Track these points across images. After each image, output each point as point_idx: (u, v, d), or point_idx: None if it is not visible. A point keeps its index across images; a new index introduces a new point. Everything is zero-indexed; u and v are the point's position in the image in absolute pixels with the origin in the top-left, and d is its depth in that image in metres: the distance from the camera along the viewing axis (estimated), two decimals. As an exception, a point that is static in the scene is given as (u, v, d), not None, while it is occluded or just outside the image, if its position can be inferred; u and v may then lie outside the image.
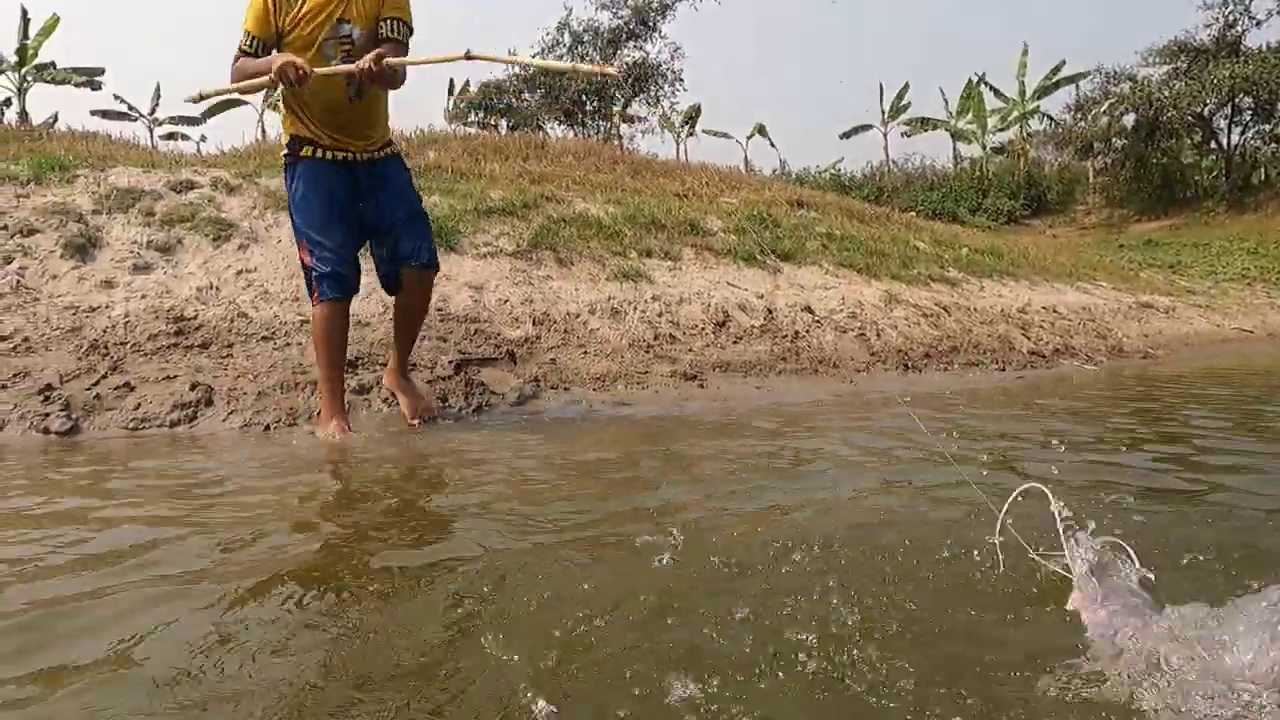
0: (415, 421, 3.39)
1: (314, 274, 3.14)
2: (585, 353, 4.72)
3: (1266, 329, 10.30)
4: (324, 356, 3.21)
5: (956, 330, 6.58)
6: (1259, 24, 24.45)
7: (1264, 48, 23.70)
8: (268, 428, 3.43)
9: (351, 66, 2.93)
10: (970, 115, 32.15)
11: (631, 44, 20.83)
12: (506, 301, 5.23)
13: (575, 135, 19.24)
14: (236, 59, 3.05)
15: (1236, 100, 24.41)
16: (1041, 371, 5.96)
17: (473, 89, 24.33)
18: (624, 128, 22.09)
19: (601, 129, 20.73)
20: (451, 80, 29.64)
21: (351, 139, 3.20)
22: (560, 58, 20.91)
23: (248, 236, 5.53)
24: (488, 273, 5.65)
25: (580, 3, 44.50)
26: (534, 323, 4.99)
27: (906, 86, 32.95)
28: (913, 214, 16.34)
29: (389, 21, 3.10)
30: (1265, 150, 26.23)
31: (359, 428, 3.36)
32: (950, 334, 6.42)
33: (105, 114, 27.13)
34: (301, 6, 3.00)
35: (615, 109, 21.04)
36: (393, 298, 3.50)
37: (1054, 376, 5.77)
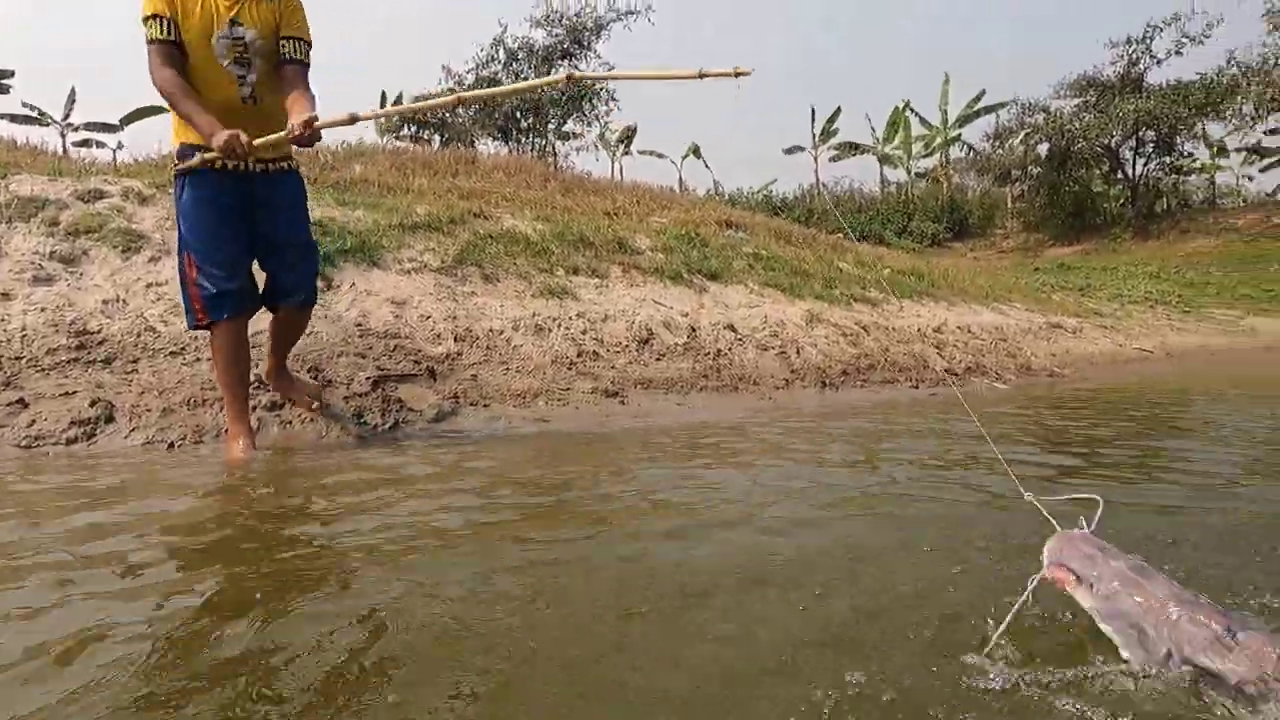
0: (316, 406, 3.42)
1: (204, 293, 2.95)
2: (507, 369, 4.72)
3: (1164, 350, 10.89)
4: (225, 378, 3.10)
5: (875, 349, 6.79)
6: (1159, 63, 26.02)
7: (1163, 85, 25.20)
8: (172, 445, 3.33)
9: (282, 135, 2.80)
10: (896, 141, 33.29)
11: (566, 62, 20.91)
12: (429, 318, 5.19)
13: (509, 152, 19.21)
14: (158, 52, 2.76)
15: (1140, 133, 25.89)
16: (953, 389, 6.19)
17: (405, 102, 24.07)
18: (559, 145, 22.15)
19: (536, 146, 20.73)
20: (383, 92, 29.31)
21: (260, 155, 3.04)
22: (495, 74, 20.89)
23: (160, 249, 5.36)
24: (411, 288, 5.60)
25: (515, 20, 44.62)
26: (456, 339, 4.96)
27: (838, 111, 33.95)
28: (839, 235, 16.78)
29: (291, 42, 2.96)
30: (1166, 181, 27.87)
31: (269, 444, 3.29)
32: (868, 353, 6.62)
33: (13, 118, 25.94)
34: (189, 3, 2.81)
35: (550, 126, 21.06)
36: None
37: (966, 394, 6.00)
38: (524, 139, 20.77)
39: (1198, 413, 4.77)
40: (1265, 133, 26.84)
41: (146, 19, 2.76)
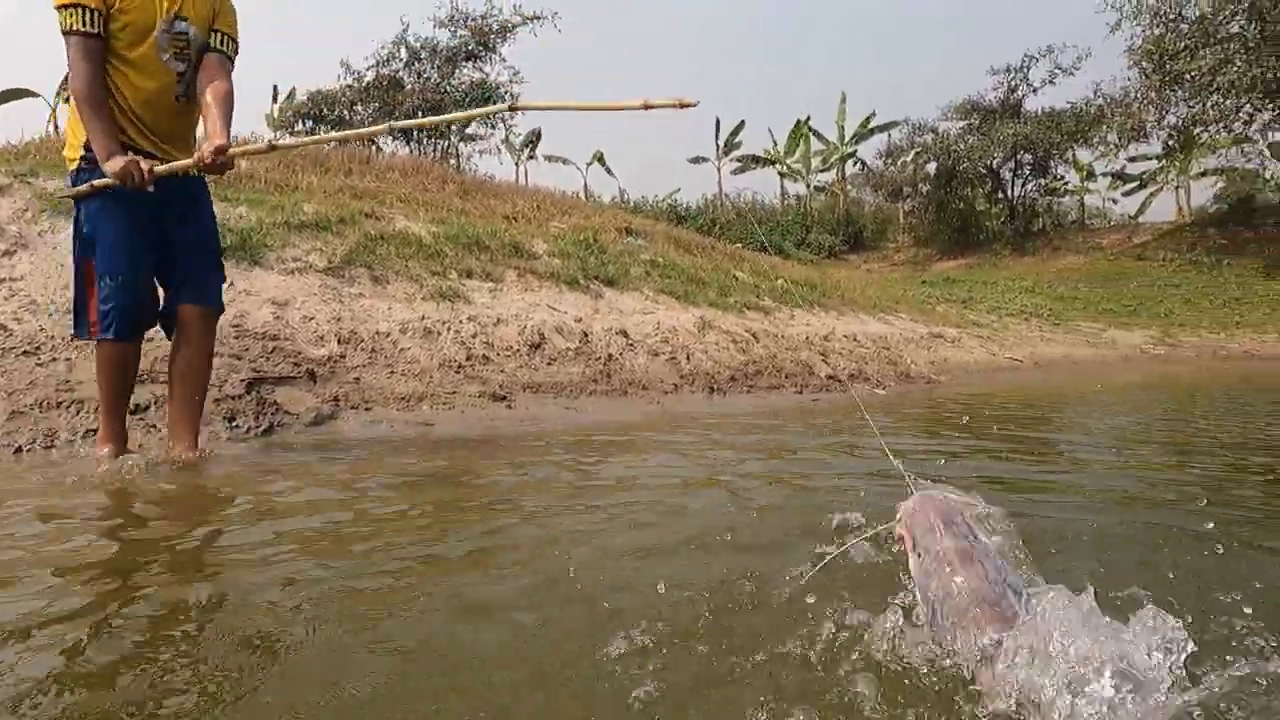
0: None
1: (104, 306, 2.72)
2: (393, 373, 4.64)
3: (1034, 359, 11.62)
4: (109, 391, 2.85)
5: (763, 356, 6.99)
6: (1035, 91, 27.79)
7: (1039, 112, 26.93)
8: (19, 450, 3.14)
9: (188, 163, 2.69)
10: (797, 155, 34.34)
11: (470, 64, 20.70)
12: (312, 319, 5.05)
13: (411, 153, 18.83)
14: (79, 46, 2.53)
15: (1018, 156, 27.55)
16: (836, 394, 6.44)
17: (300, 96, 23.28)
18: (462, 148, 21.85)
19: (439, 148, 20.40)
20: (275, 87, 28.24)
21: (173, 150, 2.82)
22: (395, 73, 20.46)
23: (15, 242, 5.03)
24: (294, 289, 5.43)
25: (418, 19, 43.74)
26: (340, 341, 4.85)
27: (741, 124, 34.76)
28: (739, 245, 17.17)
29: (219, 35, 2.85)
30: (1041, 201, 29.75)
31: (133, 449, 3.15)
32: (756, 359, 6.81)
33: None
34: None
35: (453, 128, 20.76)
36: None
37: (847, 399, 6.26)
38: (426, 140, 20.40)
39: (1050, 413, 5.15)
40: (1127, 159, 29.08)
41: (64, 6, 2.53)
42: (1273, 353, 15.14)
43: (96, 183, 2.67)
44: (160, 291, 2.99)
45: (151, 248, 2.84)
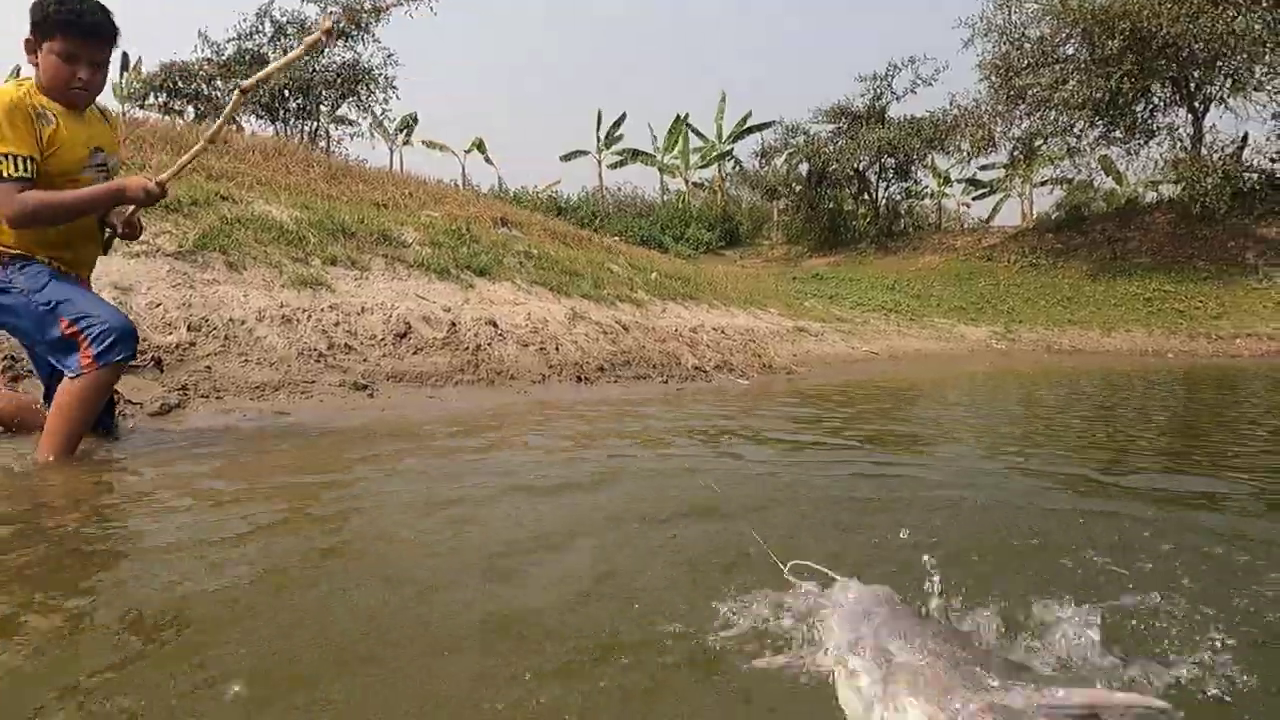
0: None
1: (101, 329, 2.68)
2: (247, 361, 4.51)
3: (889, 352, 12.38)
4: (87, 422, 2.75)
5: (633, 346, 7.17)
6: (899, 99, 29.41)
7: (902, 118, 28.52)
8: None
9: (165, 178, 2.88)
10: (676, 151, 34.93)
11: (342, 43, 19.91)
12: (159, 305, 4.82)
13: (275, 133, 17.98)
14: (14, 190, 2.56)
15: (883, 160, 29.09)
16: (701, 384, 6.70)
17: (151, 67, 21.74)
18: (332, 130, 21.02)
19: (306, 130, 19.55)
20: (125, 54, 26.26)
21: (86, 266, 3.01)
22: (260, 46, 19.46)
23: None
24: (140, 273, 5.15)
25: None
26: (190, 329, 4.66)
27: (623, 117, 34.97)
28: (616, 238, 17.38)
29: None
30: (903, 204, 31.54)
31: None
32: (626, 350, 6.99)
33: None
34: (58, 128, 2.67)
35: (323, 109, 19.95)
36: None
37: (711, 388, 6.52)
38: (292, 120, 19.51)
39: (893, 397, 5.56)
40: (979, 167, 31.23)
41: (15, 154, 2.56)
42: (1094, 348, 16.73)
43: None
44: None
45: None
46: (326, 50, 19.51)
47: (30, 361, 3.28)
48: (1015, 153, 25.31)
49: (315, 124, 20.12)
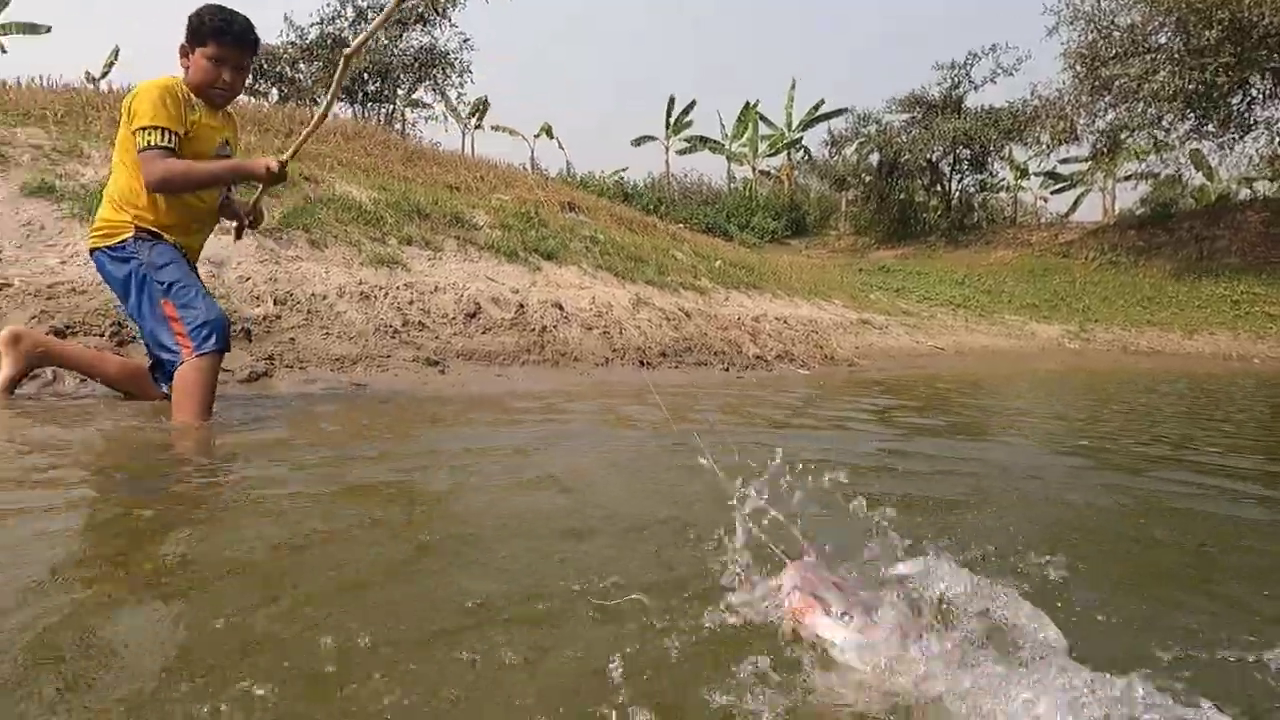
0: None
1: (198, 323, 2.94)
2: (328, 334, 4.75)
3: (955, 348, 12.18)
4: (204, 410, 2.95)
5: (694, 333, 7.26)
6: (977, 88, 28.69)
7: (980, 109, 27.75)
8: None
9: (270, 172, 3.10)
10: (744, 139, 34.66)
11: (420, 27, 20.36)
12: (248, 279, 5.11)
13: (354, 116, 18.52)
14: (161, 156, 2.90)
15: (958, 151, 28.38)
16: (761, 372, 6.75)
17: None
18: (408, 113, 21.53)
19: (384, 112, 20.08)
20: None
21: (198, 252, 3.32)
22: (341, 31, 20.03)
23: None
24: (231, 249, 5.46)
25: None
26: (276, 302, 4.92)
27: (693, 104, 34.84)
28: (681, 225, 17.41)
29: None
30: (977, 196, 30.73)
31: (66, 394, 3.23)
32: (688, 336, 7.07)
33: None
34: (199, 117, 3.03)
35: (399, 93, 20.45)
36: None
37: (772, 377, 6.57)
38: (370, 104, 20.05)
39: (951, 392, 5.52)
40: (1059, 160, 30.22)
41: (152, 129, 2.90)
42: (1175, 350, 16.11)
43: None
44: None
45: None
46: (405, 33, 19.97)
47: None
48: (1098, 146, 24.40)
49: (391, 107, 20.63)
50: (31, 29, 26.94)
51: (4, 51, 27.22)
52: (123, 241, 3.03)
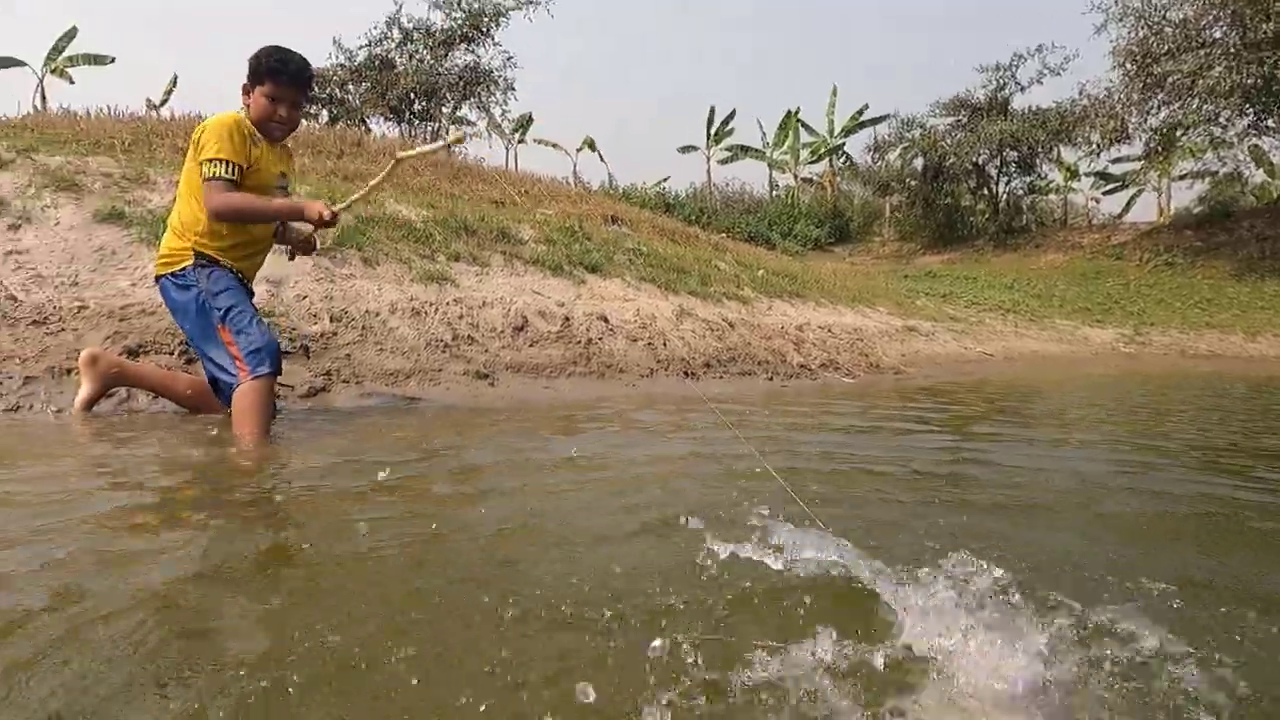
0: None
1: (253, 349, 3.10)
2: (382, 350, 4.91)
3: (1004, 353, 11.99)
4: (263, 428, 3.10)
5: (738, 343, 7.29)
6: (1023, 89, 28.13)
7: (1026, 110, 27.28)
8: (15, 410, 3.39)
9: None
10: (785, 147, 34.56)
11: (464, 46, 20.77)
12: (305, 297, 5.30)
13: (400, 134, 18.95)
14: (224, 188, 3.09)
15: (1004, 153, 27.92)
16: (805, 381, 6.76)
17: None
18: (452, 130, 21.92)
19: (429, 130, 20.51)
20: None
21: (254, 275, 3.47)
22: (388, 52, 20.53)
23: (19, 216, 5.24)
24: (289, 268, 5.65)
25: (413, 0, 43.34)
26: (332, 319, 5.10)
27: (733, 113, 34.95)
28: (724, 235, 17.42)
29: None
30: (1026, 199, 30.17)
31: (140, 411, 3.41)
32: (731, 346, 7.11)
33: None
34: (262, 154, 3.22)
35: (445, 110, 20.87)
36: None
37: (815, 386, 6.57)
38: (417, 121, 20.50)
39: (995, 398, 5.47)
40: (1110, 160, 29.53)
41: (218, 161, 3.08)
42: (1236, 353, 15.60)
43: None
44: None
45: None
46: (450, 54, 20.40)
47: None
48: (1151, 145, 23.79)
49: (436, 125, 21.06)
50: (97, 60, 28.15)
51: (71, 83, 28.45)
52: (184, 269, 3.22)
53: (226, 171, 3.09)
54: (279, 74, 3.19)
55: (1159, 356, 14.92)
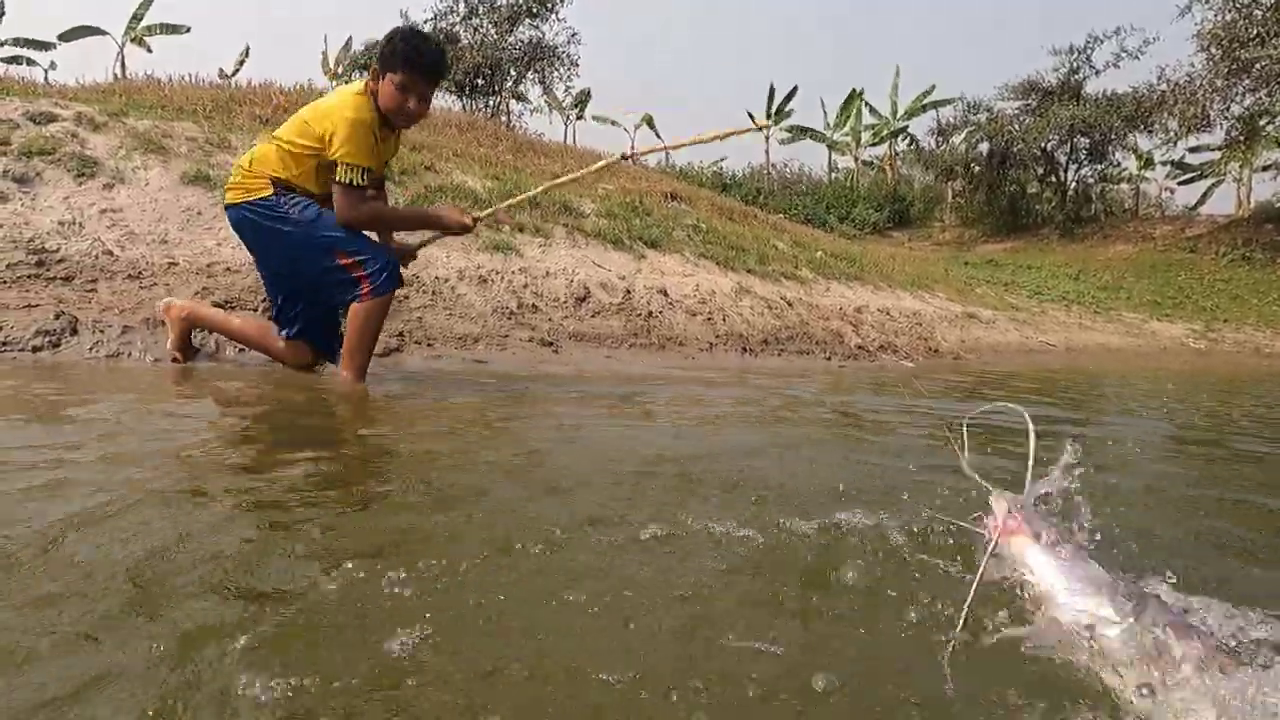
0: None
1: (371, 266, 3.19)
2: (451, 315, 5.06)
3: (1066, 344, 11.73)
4: (376, 336, 3.30)
5: (795, 322, 7.29)
6: (1098, 73, 27.13)
7: (1100, 95, 26.32)
8: (115, 357, 3.60)
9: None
10: (846, 128, 33.97)
11: (528, 21, 20.87)
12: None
13: (464, 108, 19.17)
14: (361, 198, 3.11)
15: (1075, 140, 27.02)
16: (864, 363, 6.74)
17: (358, 46, 23.67)
18: (513, 105, 22.12)
19: (490, 105, 20.70)
20: (325, 36, 28.61)
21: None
22: (453, 26, 20.72)
23: (113, 176, 5.51)
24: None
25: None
26: (404, 284, 5.25)
27: (794, 91, 34.28)
28: (781, 216, 17.28)
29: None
30: (1096, 188, 29.20)
31: (230, 362, 3.60)
32: (789, 325, 7.12)
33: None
34: (382, 148, 3.22)
35: (506, 85, 21.02)
36: None
37: (874, 367, 6.56)
38: (479, 97, 20.70)
39: (1048, 387, 5.40)
40: (1188, 149, 28.37)
41: (355, 167, 3.05)
42: (1315, 353, 14.98)
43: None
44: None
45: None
46: (515, 29, 20.50)
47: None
48: (1234, 133, 22.80)
49: (497, 100, 21.23)
50: (173, 29, 28.98)
51: (149, 51, 29.34)
52: (268, 198, 3.15)
53: (361, 179, 3.05)
54: (414, 65, 3.06)
55: (1230, 354, 14.42)
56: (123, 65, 27.81)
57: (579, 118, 33.31)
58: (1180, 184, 34.87)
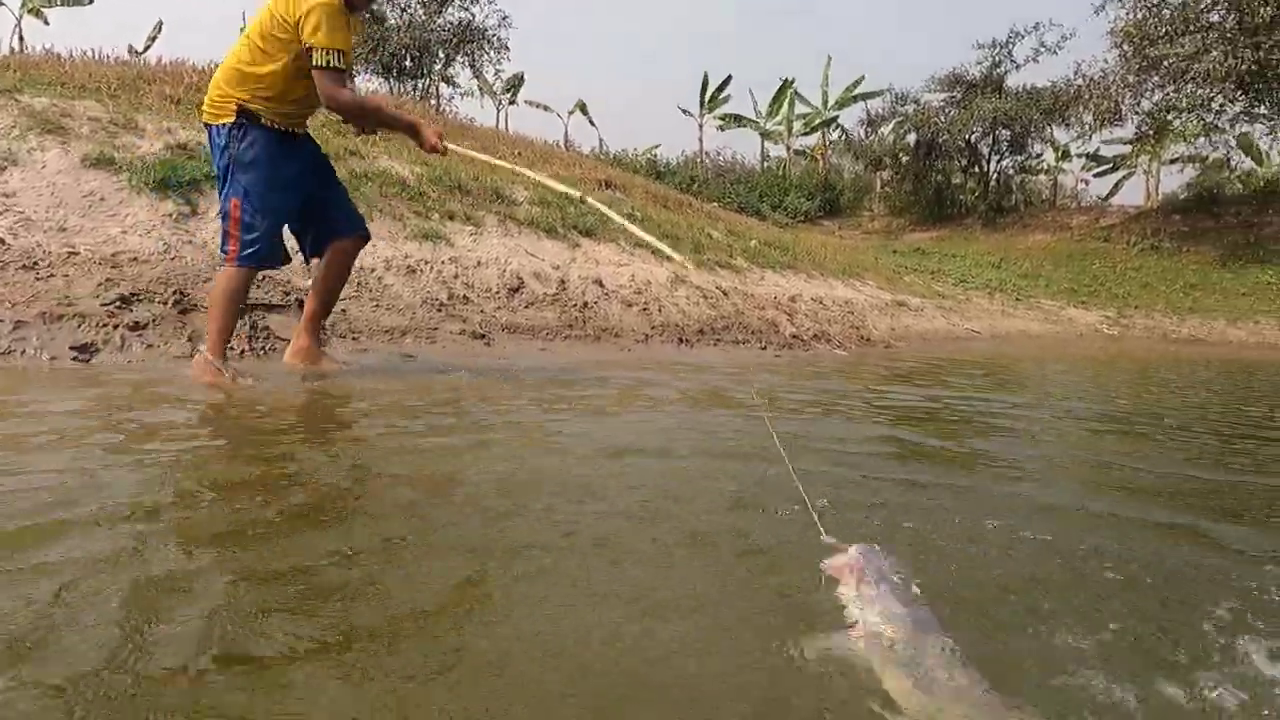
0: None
1: (247, 236, 3.13)
2: (378, 306, 4.87)
3: (991, 331, 12.08)
4: (228, 314, 3.20)
5: (731, 312, 7.29)
6: (1018, 68, 27.98)
7: (1021, 89, 27.17)
8: (7, 355, 3.34)
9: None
10: (779, 117, 34.30)
11: (458, 3, 20.36)
12: (298, 252, 5.21)
13: (391, 91, 18.63)
14: (341, 79, 3.12)
15: (997, 132, 27.83)
16: (799, 352, 6.78)
17: None
18: (443, 88, 21.60)
19: (419, 87, 20.17)
20: (244, 13, 27.51)
21: (304, 126, 3.41)
22: (380, 6, 20.09)
23: (5, 158, 5.11)
24: (281, 221, 5.58)
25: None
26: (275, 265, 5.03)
27: (728, 80, 34.38)
28: (715, 204, 17.34)
29: None
30: (1016, 179, 30.19)
31: (129, 361, 3.37)
32: (725, 314, 7.11)
33: None
34: (351, 29, 3.22)
35: (435, 68, 20.50)
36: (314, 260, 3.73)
37: (808, 357, 6.60)
38: (406, 79, 20.15)
39: (971, 372, 5.53)
40: (1102, 142, 29.55)
41: (333, 51, 3.06)
42: (1218, 339, 15.81)
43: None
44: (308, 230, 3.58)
45: (298, 197, 3.36)
46: (444, 10, 19.99)
47: None
48: (1143, 128, 23.82)
49: (426, 81, 20.70)
50: (75, 0, 27.34)
51: (46, 24, 27.64)
52: (224, 124, 3.14)
53: (339, 62, 3.07)
54: None
55: (1141, 340, 15.10)
56: (20, 39, 26.15)
57: (511, 102, 32.77)
58: (1095, 176, 36.31)
